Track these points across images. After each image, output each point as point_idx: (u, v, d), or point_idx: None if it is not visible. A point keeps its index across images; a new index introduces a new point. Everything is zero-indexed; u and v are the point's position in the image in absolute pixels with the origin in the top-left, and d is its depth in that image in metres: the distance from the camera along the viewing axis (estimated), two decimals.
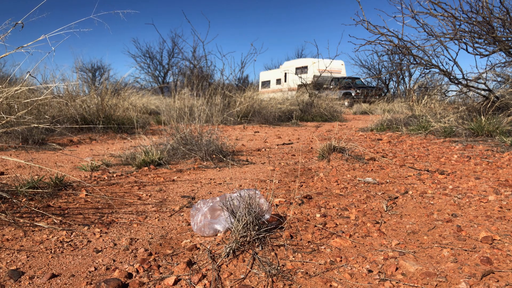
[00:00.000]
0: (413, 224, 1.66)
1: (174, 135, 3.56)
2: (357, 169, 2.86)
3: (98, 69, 27.49)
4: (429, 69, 5.55)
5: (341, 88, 16.10)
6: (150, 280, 1.18)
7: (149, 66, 30.37)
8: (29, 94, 4.69)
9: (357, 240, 1.48)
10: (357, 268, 1.24)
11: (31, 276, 1.21)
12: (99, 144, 4.65)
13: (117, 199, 2.11)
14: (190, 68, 10.06)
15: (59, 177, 2.32)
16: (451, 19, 4.75)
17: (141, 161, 3.06)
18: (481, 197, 2.00)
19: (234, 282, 1.16)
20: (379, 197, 2.10)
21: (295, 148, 4.21)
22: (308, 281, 1.16)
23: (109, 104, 5.90)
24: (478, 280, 1.13)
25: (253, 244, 1.39)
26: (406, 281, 1.15)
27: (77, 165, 3.14)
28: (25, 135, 4.24)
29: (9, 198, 1.91)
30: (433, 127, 4.87)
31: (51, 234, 1.57)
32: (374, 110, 11.45)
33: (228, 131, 6.28)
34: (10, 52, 1.95)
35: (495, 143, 3.81)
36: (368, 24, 5.12)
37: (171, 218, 1.81)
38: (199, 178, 2.71)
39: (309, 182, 2.50)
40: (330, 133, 5.89)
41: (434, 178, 2.49)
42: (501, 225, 1.59)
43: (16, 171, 2.79)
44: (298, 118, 8.81)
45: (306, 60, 19.68)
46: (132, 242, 1.50)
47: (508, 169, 2.66)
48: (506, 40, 4.70)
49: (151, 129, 6.44)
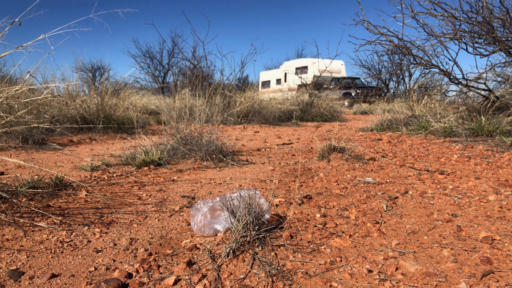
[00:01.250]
0: (413, 224, 1.66)
1: (174, 135, 3.56)
2: (357, 169, 2.86)
3: (98, 69, 27.50)
4: (429, 69, 5.55)
5: (341, 88, 16.10)
6: (150, 280, 1.18)
7: (149, 66, 30.38)
8: (29, 94, 4.68)
9: (357, 240, 1.48)
10: (357, 268, 1.24)
11: (31, 276, 1.21)
12: (99, 144, 4.65)
13: (117, 199, 2.11)
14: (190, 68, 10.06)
15: (59, 177, 2.32)
16: (451, 19, 4.75)
17: (141, 161, 3.06)
18: (481, 197, 2.00)
19: (234, 282, 1.16)
20: (379, 197, 2.10)
21: (295, 148, 4.21)
22: (308, 281, 1.16)
23: (109, 104, 5.89)
24: (478, 280, 1.13)
25: (253, 244, 1.39)
26: (406, 281, 1.15)
27: (77, 165, 3.14)
28: (25, 135, 4.23)
29: (9, 198, 1.91)
30: (433, 127, 4.86)
31: (51, 234, 1.57)
32: (374, 110, 11.46)
33: (228, 131, 6.28)
34: (10, 51, 1.96)
35: (495, 143, 3.81)
36: (368, 24, 5.12)
37: (171, 218, 1.81)
38: (199, 178, 2.71)
39: (309, 182, 2.50)
40: (330, 133, 5.89)
41: (434, 178, 2.49)
42: (501, 225, 1.59)
43: (16, 171, 2.79)
44: (298, 118, 8.81)
45: (306, 60, 19.68)
46: (132, 242, 1.50)
47: (508, 169, 2.66)
48: (506, 40, 4.70)
49: (151, 129, 6.44)
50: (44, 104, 5.28)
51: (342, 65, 19.83)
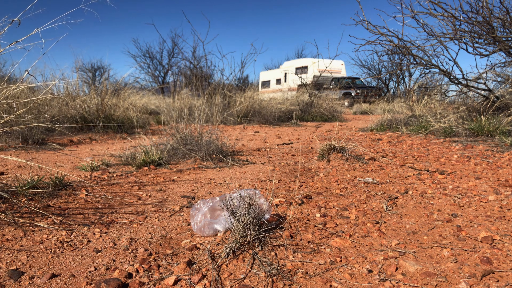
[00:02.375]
0: (413, 224, 1.66)
1: (174, 135, 3.56)
2: (357, 169, 2.86)
3: (98, 69, 27.50)
4: (429, 69, 5.55)
5: (341, 88, 16.09)
6: (150, 280, 1.18)
7: (149, 66, 30.37)
8: (29, 94, 4.69)
9: (357, 240, 1.48)
10: (357, 268, 1.24)
11: (31, 276, 1.21)
12: (99, 144, 4.65)
13: (117, 199, 2.11)
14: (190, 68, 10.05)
15: (59, 177, 2.32)
16: (451, 19, 4.75)
17: (141, 161, 3.06)
18: (481, 197, 2.00)
19: (234, 282, 1.16)
20: (379, 197, 2.10)
21: (295, 148, 4.21)
22: (308, 281, 1.16)
23: (109, 104, 5.89)
24: (478, 280, 1.13)
25: (253, 244, 1.39)
26: (406, 281, 1.15)
27: (77, 165, 3.14)
28: (25, 135, 4.23)
29: (9, 198, 1.91)
30: (433, 127, 4.86)
31: (51, 234, 1.57)
32: (374, 110, 11.46)
33: (228, 131, 6.28)
34: (5, 48, 1.96)
35: (495, 143, 3.81)
36: (368, 24, 5.12)
37: (171, 218, 1.81)
38: (199, 178, 2.70)
39: (309, 182, 2.50)
40: (330, 133, 5.89)
41: (434, 178, 2.49)
42: (501, 225, 1.59)
43: (16, 171, 2.79)
44: (298, 118, 8.81)
45: (306, 60, 19.69)
46: (132, 242, 1.50)
47: (508, 169, 2.66)
48: (506, 40, 4.70)
49: (151, 129, 6.44)
50: (44, 104, 5.28)
51: (342, 65, 19.84)
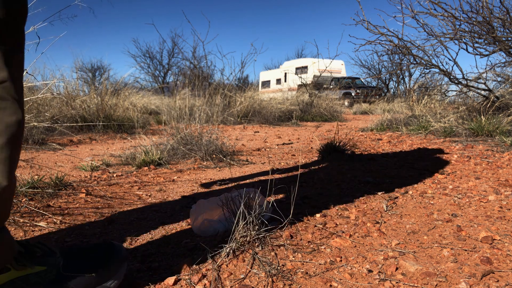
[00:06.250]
0: (413, 224, 1.66)
1: (174, 135, 3.56)
2: (357, 169, 2.86)
3: (98, 69, 27.52)
4: (429, 69, 5.55)
5: (341, 88, 16.10)
6: (150, 280, 1.18)
7: (149, 66, 30.38)
8: (29, 94, 4.68)
9: (357, 240, 1.48)
10: (357, 268, 1.24)
11: None
12: (99, 144, 4.65)
13: (117, 199, 2.11)
14: (190, 68, 10.05)
15: (59, 177, 2.32)
16: (451, 19, 4.75)
17: (141, 161, 3.06)
18: (481, 197, 2.00)
19: (234, 282, 1.16)
20: (379, 197, 2.10)
21: (295, 148, 4.21)
22: (308, 281, 1.16)
23: (109, 104, 5.90)
24: (478, 280, 1.13)
25: (253, 244, 1.39)
26: (406, 281, 1.15)
27: (77, 165, 3.14)
28: (25, 134, 4.23)
29: None
30: (433, 127, 4.86)
31: (51, 234, 1.57)
32: (374, 110, 11.45)
33: (228, 131, 6.28)
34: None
35: (495, 143, 3.81)
36: (368, 24, 5.13)
37: (171, 218, 1.81)
38: (199, 178, 2.70)
39: (309, 182, 2.50)
40: (330, 133, 5.88)
41: (434, 178, 2.49)
42: (501, 225, 1.59)
43: (16, 171, 2.78)
44: (298, 118, 8.81)
45: (306, 60, 19.69)
46: (132, 242, 1.50)
47: (508, 169, 2.66)
48: (506, 40, 4.70)
49: (151, 129, 6.43)
50: (44, 104, 5.28)
51: (342, 65, 19.85)
